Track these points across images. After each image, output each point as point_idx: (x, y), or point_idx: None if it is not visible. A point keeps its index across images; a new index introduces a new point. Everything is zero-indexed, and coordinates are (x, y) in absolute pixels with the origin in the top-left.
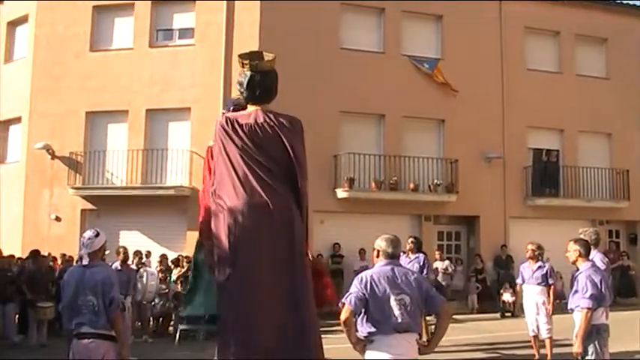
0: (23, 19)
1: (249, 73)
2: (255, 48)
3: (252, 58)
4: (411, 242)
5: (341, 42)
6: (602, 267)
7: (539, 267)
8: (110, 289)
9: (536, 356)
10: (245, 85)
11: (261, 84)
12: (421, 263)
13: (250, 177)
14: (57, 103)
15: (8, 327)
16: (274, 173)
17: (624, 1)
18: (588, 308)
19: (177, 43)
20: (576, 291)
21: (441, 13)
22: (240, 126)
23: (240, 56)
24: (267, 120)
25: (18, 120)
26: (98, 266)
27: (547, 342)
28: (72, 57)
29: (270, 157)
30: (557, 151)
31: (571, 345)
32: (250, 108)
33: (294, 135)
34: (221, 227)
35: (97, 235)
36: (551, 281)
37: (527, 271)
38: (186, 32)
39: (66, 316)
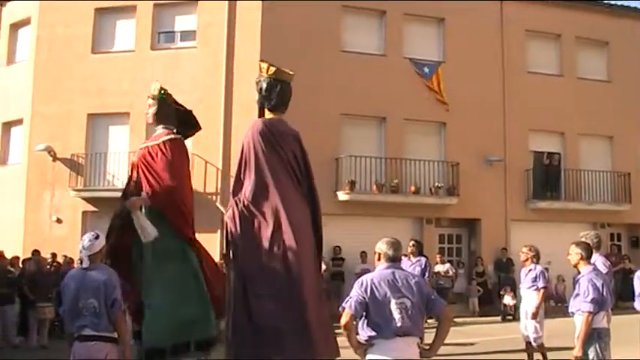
0: (25, 22)
1: (276, 82)
2: (257, 50)
3: (277, 67)
4: (412, 245)
5: (342, 44)
6: (604, 270)
7: (530, 270)
8: (112, 291)
9: None
10: (275, 93)
11: (287, 94)
12: (422, 267)
13: (289, 184)
14: (58, 105)
15: (9, 329)
16: (300, 181)
17: (626, 4)
18: (589, 312)
19: (178, 46)
20: (577, 294)
21: (443, 16)
22: (279, 133)
23: (266, 62)
24: (290, 129)
25: (20, 122)
26: (99, 268)
27: (538, 348)
28: (74, 59)
29: (298, 164)
30: (559, 154)
31: (570, 349)
32: (271, 115)
33: (302, 145)
34: (254, 234)
35: (97, 237)
36: (540, 284)
37: (522, 275)
38: (187, 34)
39: (67, 319)
